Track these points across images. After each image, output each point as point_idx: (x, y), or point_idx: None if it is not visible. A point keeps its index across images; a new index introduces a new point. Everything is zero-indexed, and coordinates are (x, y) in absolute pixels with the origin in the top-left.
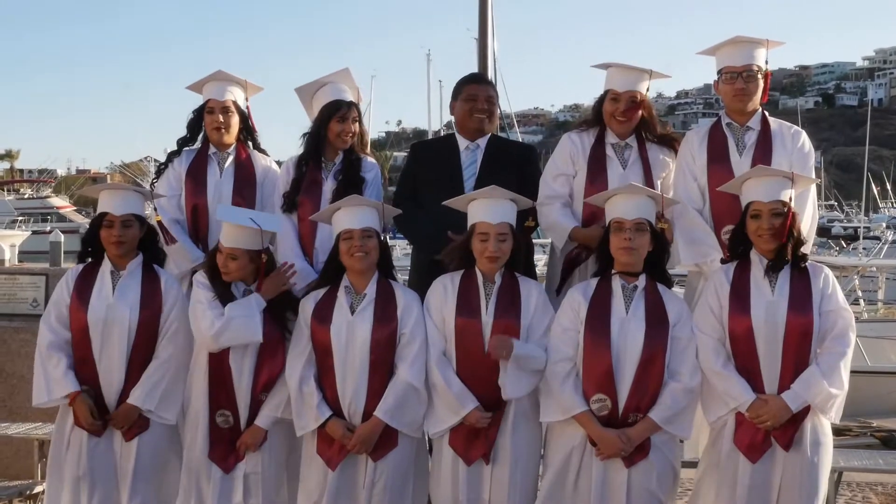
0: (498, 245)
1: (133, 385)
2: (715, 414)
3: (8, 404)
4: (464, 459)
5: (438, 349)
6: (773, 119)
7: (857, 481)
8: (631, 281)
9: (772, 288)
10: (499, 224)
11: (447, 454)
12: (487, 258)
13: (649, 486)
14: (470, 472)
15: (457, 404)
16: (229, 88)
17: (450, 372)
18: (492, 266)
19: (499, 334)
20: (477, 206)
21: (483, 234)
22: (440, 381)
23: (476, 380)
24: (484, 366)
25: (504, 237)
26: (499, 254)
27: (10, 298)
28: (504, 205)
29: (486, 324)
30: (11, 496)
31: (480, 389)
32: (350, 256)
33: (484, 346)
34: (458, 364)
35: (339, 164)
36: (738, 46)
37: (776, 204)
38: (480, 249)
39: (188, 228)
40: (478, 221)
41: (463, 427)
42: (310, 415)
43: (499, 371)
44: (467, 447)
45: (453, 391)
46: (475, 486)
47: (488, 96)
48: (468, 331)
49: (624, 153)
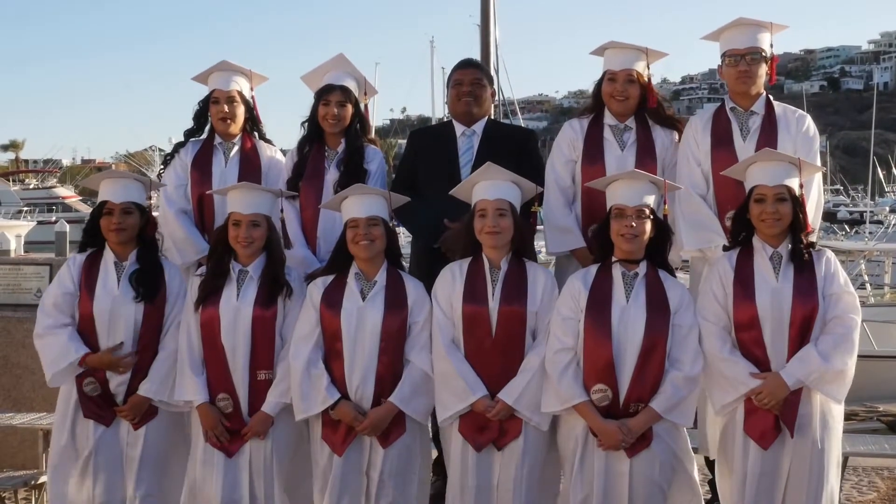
0: (496, 220)
1: (140, 375)
2: (723, 401)
3: (12, 394)
4: (473, 446)
5: (447, 336)
6: (778, 103)
7: (862, 466)
8: (631, 268)
9: (776, 274)
10: (496, 200)
11: (456, 440)
12: (487, 234)
13: (652, 476)
14: (480, 458)
15: (466, 391)
16: (234, 78)
17: (459, 359)
18: (493, 242)
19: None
20: (477, 187)
21: (482, 211)
22: (450, 367)
23: (484, 366)
24: (491, 352)
25: (503, 212)
26: (498, 229)
27: (15, 289)
28: (501, 183)
29: (492, 310)
30: (17, 486)
31: (488, 376)
32: (356, 245)
33: (491, 332)
34: (465, 351)
35: (341, 153)
36: (741, 29)
37: (781, 188)
38: (480, 227)
39: (194, 218)
40: (477, 200)
41: (472, 413)
42: (317, 397)
43: (506, 359)
44: (476, 434)
45: (463, 378)
46: (484, 473)
47: (473, 79)
48: (475, 317)
49: (623, 135)
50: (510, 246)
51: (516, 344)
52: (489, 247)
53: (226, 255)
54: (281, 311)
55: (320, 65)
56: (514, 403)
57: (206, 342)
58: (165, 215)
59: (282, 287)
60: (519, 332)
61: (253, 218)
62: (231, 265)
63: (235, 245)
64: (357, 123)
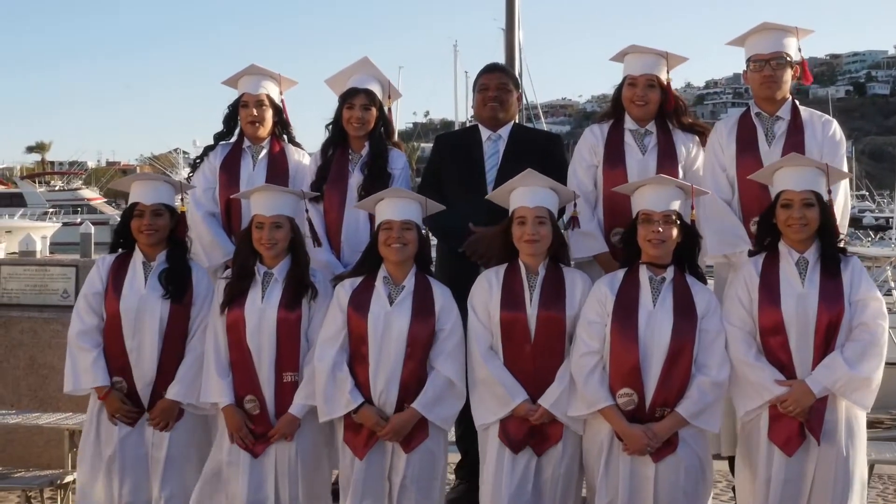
0: (536, 228)
1: (165, 376)
2: (747, 407)
3: (39, 394)
4: (512, 450)
5: (485, 343)
6: (804, 108)
7: (888, 474)
8: (659, 273)
9: (802, 280)
10: (536, 207)
11: (493, 445)
12: (526, 242)
13: (677, 481)
14: (516, 463)
15: (507, 396)
16: (263, 83)
17: (498, 365)
18: (532, 250)
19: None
20: (515, 193)
21: (521, 218)
22: (489, 374)
23: (523, 372)
24: (531, 358)
25: (542, 220)
26: (537, 237)
27: (41, 290)
28: (540, 190)
29: (530, 316)
30: (42, 485)
31: (528, 381)
32: (387, 247)
33: (530, 338)
34: (504, 357)
35: (365, 157)
36: (766, 34)
37: (808, 194)
38: (519, 234)
39: (222, 221)
40: (516, 207)
41: (512, 418)
42: (341, 400)
43: (546, 364)
44: (516, 438)
45: (503, 383)
46: (521, 478)
47: (499, 84)
48: (514, 323)
49: (644, 139)
50: (547, 252)
51: (555, 349)
52: (528, 255)
53: (250, 258)
54: (306, 314)
55: (344, 68)
56: (554, 408)
57: (232, 345)
58: (193, 218)
59: (307, 288)
60: (558, 337)
61: (275, 220)
62: (256, 267)
63: (259, 247)
64: (381, 127)
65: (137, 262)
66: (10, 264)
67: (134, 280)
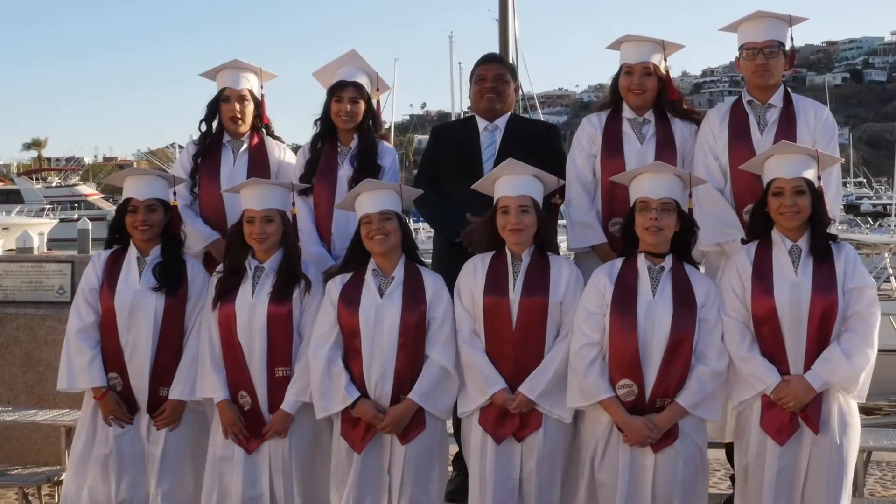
0: (520, 217)
1: (161, 371)
2: (740, 398)
3: (35, 391)
4: (493, 438)
5: (468, 328)
6: (796, 95)
7: (886, 460)
8: (657, 262)
9: (795, 268)
10: (519, 196)
11: (476, 433)
12: (510, 231)
13: (676, 472)
14: (499, 451)
15: (485, 385)
16: (244, 76)
17: (479, 352)
18: (516, 239)
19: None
20: (498, 182)
21: (504, 208)
22: (469, 360)
23: (504, 358)
24: (511, 344)
25: (525, 209)
26: (521, 226)
27: (37, 286)
28: (523, 178)
29: (513, 301)
30: (40, 482)
31: (508, 368)
32: (370, 240)
33: (512, 324)
34: (486, 343)
35: (354, 150)
36: (759, 21)
37: (799, 181)
38: (503, 223)
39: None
40: (500, 196)
41: (491, 406)
42: (337, 396)
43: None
44: (496, 426)
45: (482, 371)
46: (505, 465)
47: (496, 75)
48: (495, 308)
49: (642, 128)
50: (533, 240)
51: (537, 336)
52: (512, 243)
53: (241, 252)
54: (298, 308)
55: (332, 61)
56: (535, 397)
57: (224, 340)
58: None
59: (299, 280)
60: (540, 324)
61: (266, 213)
62: (248, 262)
63: (251, 241)
64: (370, 119)
65: (132, 257)
66: (6, 261)
67: (128, 275)
